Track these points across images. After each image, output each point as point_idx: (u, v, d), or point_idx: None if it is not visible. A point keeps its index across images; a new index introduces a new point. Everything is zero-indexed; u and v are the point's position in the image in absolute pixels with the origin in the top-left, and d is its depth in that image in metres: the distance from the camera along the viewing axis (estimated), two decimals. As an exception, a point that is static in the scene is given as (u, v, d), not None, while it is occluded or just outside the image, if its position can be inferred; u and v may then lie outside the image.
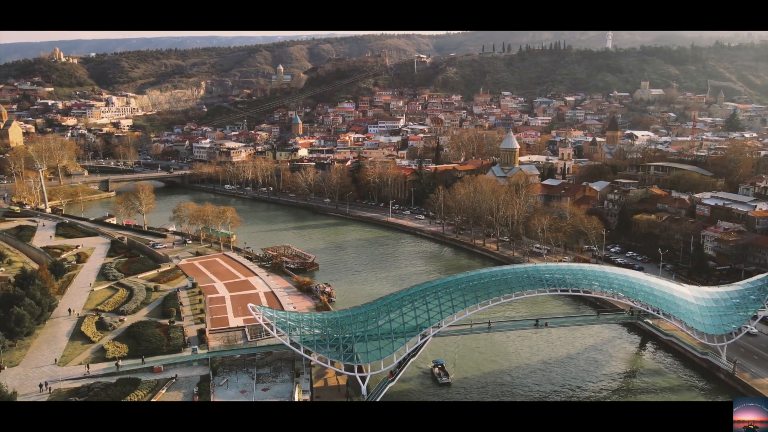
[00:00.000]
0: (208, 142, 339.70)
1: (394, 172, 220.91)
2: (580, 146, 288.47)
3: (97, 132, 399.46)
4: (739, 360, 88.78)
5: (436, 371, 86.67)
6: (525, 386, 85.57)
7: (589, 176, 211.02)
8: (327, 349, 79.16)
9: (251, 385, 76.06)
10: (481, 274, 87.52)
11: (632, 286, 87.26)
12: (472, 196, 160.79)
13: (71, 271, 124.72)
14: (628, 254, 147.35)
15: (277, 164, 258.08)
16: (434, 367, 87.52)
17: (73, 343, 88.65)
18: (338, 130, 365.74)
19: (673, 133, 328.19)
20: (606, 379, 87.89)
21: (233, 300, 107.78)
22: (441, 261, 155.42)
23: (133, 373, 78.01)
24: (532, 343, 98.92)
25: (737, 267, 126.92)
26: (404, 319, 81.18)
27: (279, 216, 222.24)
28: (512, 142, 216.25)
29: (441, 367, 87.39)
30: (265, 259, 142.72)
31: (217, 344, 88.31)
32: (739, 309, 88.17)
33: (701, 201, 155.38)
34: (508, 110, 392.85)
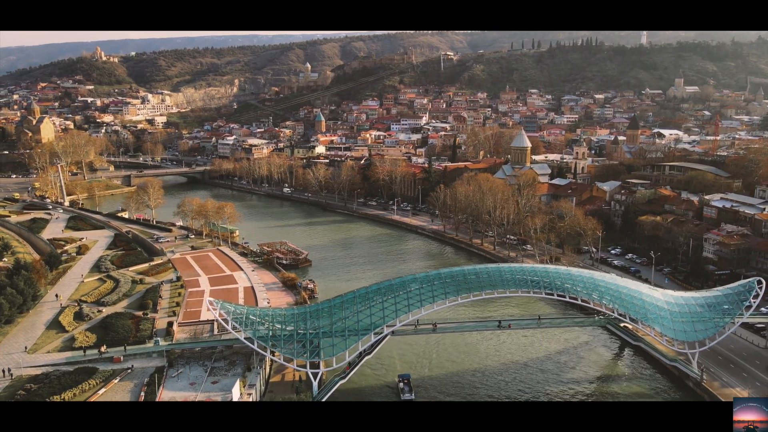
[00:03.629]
0: (232, 139, 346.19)
1: (403, 170, 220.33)
2: (602, 145, 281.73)
3: (132, 129, 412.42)
4: (713, 368, 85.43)
5: (400, 386, 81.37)
6: (491, 389, 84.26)
7: (604, 176, 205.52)
8: (282, 344, 79.94)
9: (202, 378, 77.40)
10: (441, 273, 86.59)
11: (598, 289, 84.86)
12: (471, 194, 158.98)
13: (68, 263, 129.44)
14: (628, 256, 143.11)
15: (291, 161, 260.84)
16: (399, 382, 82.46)
17: (48, 332, 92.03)
18: (361, 127, 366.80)
19: (705, 133, 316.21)
20: (570, 383, 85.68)
21: (212, 294, 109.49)
22: (437, 260, 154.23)
23: (93, 362, 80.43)
24: (504, 348, 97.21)
25: (738, 272, 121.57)
26: (359, 317, 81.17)
27: (289, 212, 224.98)
28: (523, 140, 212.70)
29: (406, 381, 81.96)
30: (260, 254, 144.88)
31: (183, 336, 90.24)
32: (715, 316, 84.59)
33: (709, 203, 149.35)
34: (534, 108, 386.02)
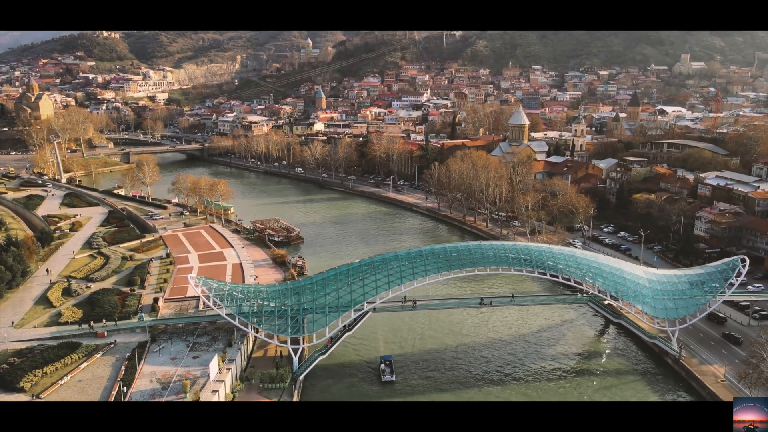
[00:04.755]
0: (232, 116, 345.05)
1: (400, 147, 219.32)
2: (604, 122, 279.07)
3: (133, 105, 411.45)
4: (693, 345, 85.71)
5: (382, 367, 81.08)
6: (472, 366, 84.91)
7: (602, 153, 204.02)
8: (263, 320, 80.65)
9: (183, 353, 78.37)
10: (423, 251, 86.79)
11: (580, 267, 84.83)
12: (464, 172, 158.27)
13: (61, 239, 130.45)
14: (620, 234, 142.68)
15: (289, 138, 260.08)
16: (381, 363, 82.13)
17: (36, 308, 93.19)
18: (362, 104, 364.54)
19: (709, 110, 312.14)
20: (550, 359, 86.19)
21: (200, 270, 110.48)
22: (430, 238, 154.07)
23: (78, 337, 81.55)
24: (489, 325, 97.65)
25: (728, 250, 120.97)
26: (339, 293, 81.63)
27: (286, 190, 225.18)
28: (521, 117, 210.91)
29: (388, 363, 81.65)
30: (252, 231, 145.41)
31: (168, 312, 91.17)
32: (697, 293, 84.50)
33: (704, 181, 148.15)
34: (537, 85, 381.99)
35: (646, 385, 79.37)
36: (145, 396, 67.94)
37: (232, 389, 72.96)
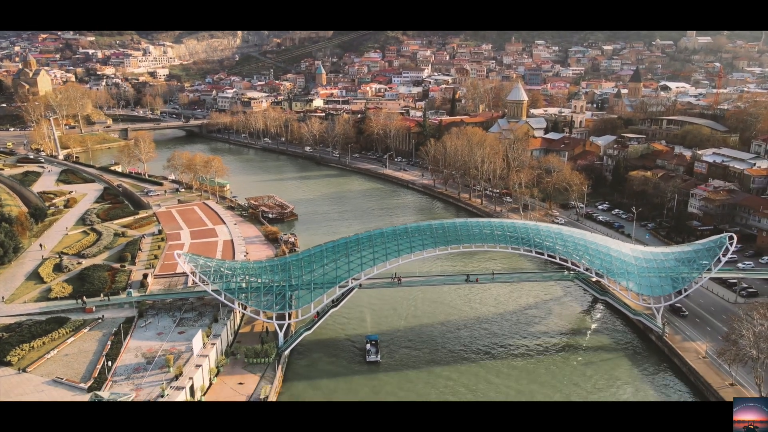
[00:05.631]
0: (231, 92, 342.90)
1: (398, 124, 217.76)
2: (606, 98, 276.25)
3: (133, 81, 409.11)
4: (678, 322, 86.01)
5: (367, 347, 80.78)
6: (457, 344, 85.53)
7: (601, 130, 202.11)
8: (249, 296, 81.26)
9: (170, 328, 79.23)
10: (408, 227, 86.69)
11: (566, 244, 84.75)
12: (459, 148, 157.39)
13: (55, 216, 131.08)
14: (615, 212, 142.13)
15: (287, 115, 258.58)
16: (367, 343, 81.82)
17: (27, 283, 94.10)
18: (362, 80, 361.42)
19: (713, 85, 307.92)
20: (535, 336, 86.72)
21: (192, 247, 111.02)
22: (425, 215, 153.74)
23: (66, 312, 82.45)
24: (475, 303, 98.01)
25: (721, 227, 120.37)
26: (325, 270, 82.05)
27: (284, 166, 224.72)
28: (520, 93, 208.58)
29: (374, 343, 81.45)
30: (246, 208, 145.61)
31: (157, 288, 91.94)
32: (683, 271, 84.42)
33: (701, 158, 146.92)
34: (540, 60, 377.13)
35: (629, 361, 79.90)
36: (129, 370, 68.92)
37: (217, 364, 73.84)
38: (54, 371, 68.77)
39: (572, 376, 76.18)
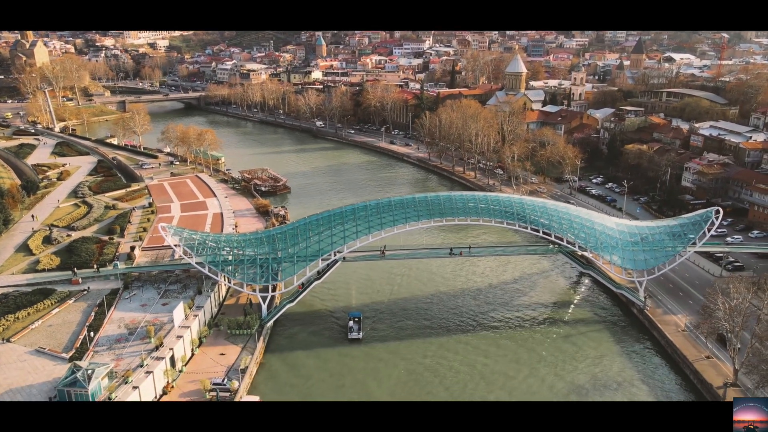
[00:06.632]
0: (231, 64, 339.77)
1: (395, 96, 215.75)
2: (608, 70, 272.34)
3: (133, 52, 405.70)
4: (661, 296, 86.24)
5: (350, 324, 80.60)
6: (439, 318, 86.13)
7: (601, 102, 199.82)
8: (233, 269, 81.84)
9: (154, 300, 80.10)
10: (392, 201, 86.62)
11: (550, 218, 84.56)
12: (454, 121, 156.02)
13: (48, 188, 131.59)
14: (609, 185, 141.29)
15: (284, 87, 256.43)
16: (350, 320, 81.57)
17: (16, 255, 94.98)
18: (363, 52, 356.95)
19: (719, 57, 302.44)
20: (519, 309, 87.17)
21: (181, 220, 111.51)
22: (419, 188, 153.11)
23: (52, 284, 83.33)
24: (463, 277, 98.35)
25: (713, 202, 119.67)
26: (308, 243, 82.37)
27: (281, 139, 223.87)
28: (518, 65, 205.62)
29: (357, 320, 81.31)
30: (240, 181, 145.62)
31: (144, 260, 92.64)
32: (667, 245, 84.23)
33: (698, 131, 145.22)
34: (544, 31, 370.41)
35: (609, 334, 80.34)
36: (111, 341, 69.92)
37: (199, 335, 74.78)
38: (37, 341, 69.86)
39: (552, 349, 76.68)
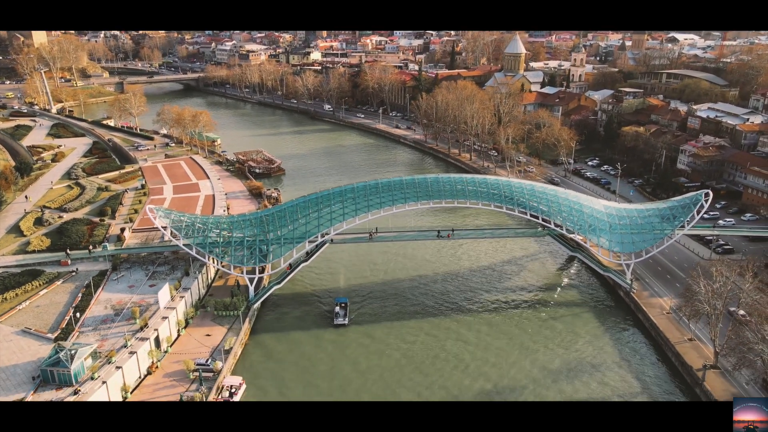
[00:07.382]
0: (230, 45, 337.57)
1: (393, 77, 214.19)
2: (611, 51, 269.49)
3: (132, 33, 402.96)
4: (649, 278, 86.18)
5: (336, 310, 79.90)
6: (427, 305, 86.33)
7: (601, 84, 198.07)
8: (220, 250, 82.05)
9: (142, 281, 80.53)
10: (379, 183, 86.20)
11: (538, 200, 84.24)
12: (450, 102, 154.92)
13: (42, 170, 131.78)
14: (604, 168, 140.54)
15: (282, 68, 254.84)
16: (336, 306, 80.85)
17: (7, 236, 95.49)
18: (363, 32, 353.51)
19: (724, 37, 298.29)
20: (507, 291, 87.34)
21: (173, 202, 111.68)
22: (414, 170, 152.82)
23: (42, 265, 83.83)
24: (453, 259, 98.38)
25: (708, 184, 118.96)
26: (295, 225, 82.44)
27: (278, 121, 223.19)
28: (517, 46, 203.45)
29: (343, 306, 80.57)
30: (234, 163, 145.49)
31: (134, 242, 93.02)
32: (655, 227, 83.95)
33: (695, 113, 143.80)
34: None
35: (594, 317, 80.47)
36: (97, 321, 70.50)
37: (186, 316, 75.30)
38: (24, 322, 70.50)
39: (534, 333, 76.75)
